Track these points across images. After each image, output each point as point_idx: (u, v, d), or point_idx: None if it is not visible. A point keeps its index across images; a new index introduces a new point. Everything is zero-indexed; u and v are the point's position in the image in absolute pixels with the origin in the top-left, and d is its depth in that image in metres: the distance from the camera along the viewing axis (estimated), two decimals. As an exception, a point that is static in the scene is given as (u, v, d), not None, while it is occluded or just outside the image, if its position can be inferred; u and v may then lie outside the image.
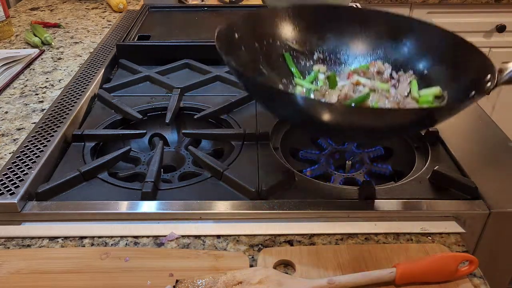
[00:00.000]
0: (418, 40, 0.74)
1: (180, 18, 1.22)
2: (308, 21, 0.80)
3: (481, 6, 1.84)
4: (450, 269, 0.51)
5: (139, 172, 0.73)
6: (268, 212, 0.61)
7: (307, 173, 0.71)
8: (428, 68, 0.72)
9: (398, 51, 0.76)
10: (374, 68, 0.74)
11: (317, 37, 0.80)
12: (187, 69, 1.02)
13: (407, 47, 0.75)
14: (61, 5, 1.45)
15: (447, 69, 0.69)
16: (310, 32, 0.80)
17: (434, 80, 0.70)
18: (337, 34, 0.80)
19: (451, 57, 0.69)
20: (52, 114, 0.80)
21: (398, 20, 0.77)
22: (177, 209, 0.61)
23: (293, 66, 0.78)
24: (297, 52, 0.80)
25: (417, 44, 0.74)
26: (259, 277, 0.49)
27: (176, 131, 0.87)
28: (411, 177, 0.68)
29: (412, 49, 0.75)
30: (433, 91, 0.68)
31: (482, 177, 0.66)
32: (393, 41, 0.77)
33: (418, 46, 0.74)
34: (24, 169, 0.66)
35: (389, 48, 0.77)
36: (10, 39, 1.18)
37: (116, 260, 0.54)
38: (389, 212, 0.61)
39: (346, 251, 0.55)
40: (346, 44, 0.80)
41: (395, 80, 0.73)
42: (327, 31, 0.80)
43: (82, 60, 1.05)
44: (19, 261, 0.54)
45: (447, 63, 0.70)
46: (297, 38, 0.80)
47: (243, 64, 0.71)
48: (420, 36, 0.74)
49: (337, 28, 0.80)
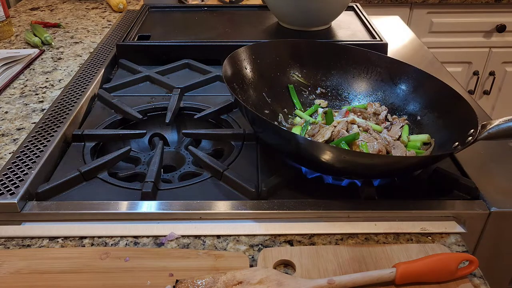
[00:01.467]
0: (415, 86, 0.80)
1: (180, 18, 1.22)
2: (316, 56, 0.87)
3: (481, 6, 1.84)
4: (450, 269, 0.51)
5: (139, 172, 0.73)
6: (268, 212, 0.61)
7: (307, 173, 0.71)
8: (422, 114, 0.77)
9: (396, 95, 0.82)
10: (371, 109, 0.79)
11: (322, 73, 0.87)
12: (187, 69, 1.02)
13: (405, 92, 0.81)
14: (61, 5, 1.45)
15: (438, 117, 0.74)
16: (316, 67, 0.86)
17: (425, 126, 0.76)
18: (341, 72, 0.86)
19: (443, 106, 0.74)
20: (52, 114, 0.80)
21: (400, 67, 0.82)
22: (177, 209, 0.61)
23: (295, 97, 0.83)
24: (301, 85, 0.86)
25: (414, 91, 0.80)
26: (259, 277, 0.49)
27: (176, 131, 0.87)
28: (411, 177, 0.68)
29: (409, 94, 0.81)
30: (422, 138, 0.73)
31: (482, 177, 0.66)
32: (392, 85, 0.83)
33: (415, 93, 0.80)
34: (24, 169, 0.66)
35: (388, 91, 0.83)
36: (10, 39, 1.18)
37: (116, 260, 0.54)
38: (389, 212, 0.61)
39: (346, 251, 0.55)
40: (348, 82, 0.86)
41: (389, 123, 0.78)
42: (332, 68, 0.86)
43: (82, 60, 1.05)
44: (19, 261, 0.54)
45: (438, 111, 0.75)
46: (302, 72, 0.86)
47: (248, 94, 0.77)
48: (417, 83, 0.80)
49: (342, 67, 0.86)
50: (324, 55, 0.87)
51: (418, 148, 0.71)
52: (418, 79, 0.79)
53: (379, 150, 0.68)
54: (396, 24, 1.33)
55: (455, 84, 0.95)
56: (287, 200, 0.63)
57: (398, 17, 1.37)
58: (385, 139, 0.71)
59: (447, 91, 0.74)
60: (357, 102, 0.84)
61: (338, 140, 0.68)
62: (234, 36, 1.10)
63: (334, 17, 1.14)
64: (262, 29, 1.16)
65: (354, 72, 0.85)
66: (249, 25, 1.17)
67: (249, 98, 0.77)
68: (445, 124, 0.72)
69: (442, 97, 0.75)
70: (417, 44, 1.17)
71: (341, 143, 0.67)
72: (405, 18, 1.86)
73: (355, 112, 0.79)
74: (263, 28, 1.16)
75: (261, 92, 0.80)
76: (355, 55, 0.86)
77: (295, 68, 0.86)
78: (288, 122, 0.80)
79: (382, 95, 0.83)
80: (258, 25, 1.18)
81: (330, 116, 0.75)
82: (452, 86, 0.74)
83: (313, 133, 0.73)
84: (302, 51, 0.87)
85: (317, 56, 0.87)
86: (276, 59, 0.84)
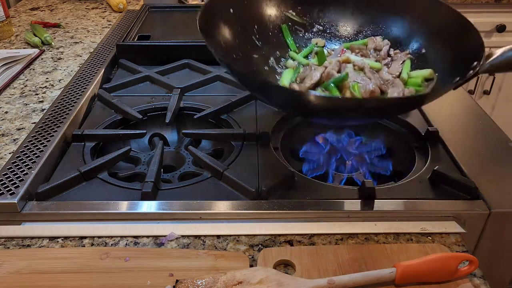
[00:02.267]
0: (420, 15, 0.73)
1: (180, 18, 1.22)
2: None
3: (481, 6, 1.84)
4: (450, 269, 0.51)
5: (139, 172, 0.73)
6: (268, 212, 0.61)
7: (307, 173, 0.71)
8: (427, 46, 0.71)
9: (400, 27, 0.75)
10: (372, 44, 0.73)
11: (318, 8, 0.79)
12: (187, 69, 1.02)
13: (409, 23, 0.74)
14: (61, 5, 1.45)
15: (444, 48, 0.68)
16: (313, 2, 0.78)
17: (431, 60, 0.69)
18: (339, 6, 0.78)
19: (449, 36, 0.68)
20: (52, 114, 0.80)
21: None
22: (177, 209, 0.61)
23: (289, 37, 0.76)
24: (297, 24, 0.78)
25: (419, 20, 0.73)
26: (259, 277, 0.49)
27: (176, 131, 0.86)
28: (411, 177, 0.68)
29: (414, 25, 0.73)
30: (424, 73, 0.68)
31: (482, 177, 0.66)
32: (395, 16, 0.75)
33: (420, 22, 0.73)
34: (24, 169, 0.66)
35: (390, 23, 0.75)
36: (10, 39, 1.18)
37: (116, 260, 0.54)
38: (389, 212, 0.61)
39: (346, 251, 0.55)
40: (348, 16, 0.78)
41: (390, 59, 0.72)
42: (329, 2, 0.79)
43: (82, 60, 1.05)
44: (19, 261, 0.54)
45: (444, 41, 0.69)
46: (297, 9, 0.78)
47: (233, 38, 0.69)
48: (422, 11, 0.73)
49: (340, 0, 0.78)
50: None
51: (419, 85, 0.66)
52: (424, 6, 0.72)
53: (372, 91, 0.63)
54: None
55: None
56: (287, 200, 0.63)
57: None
58: (381, 78, 0.66)
59: (455, 18, 0.67)
60: (358, 39, 0.77)
61: (326, 83, 0.64)
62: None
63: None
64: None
65: (353, 4, 0.78)
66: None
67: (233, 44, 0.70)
68: (450, 57, 0.66)
69: (448, 25, 0.69)
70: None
71: (330, 86, 0.63)
72: (405, 18, 1.85)
73: (353, 49, 0.73)
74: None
75: (250, 35, 0.73)
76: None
77: (288, 5, 0.77)
78: (279, 66, 0.74)
79: (385, 28, 0.76)
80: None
81: (321, 55, 0.70)
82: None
83: (304, 75, 0.68)
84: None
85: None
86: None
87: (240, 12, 0.72)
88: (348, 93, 0.63)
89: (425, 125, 0.80)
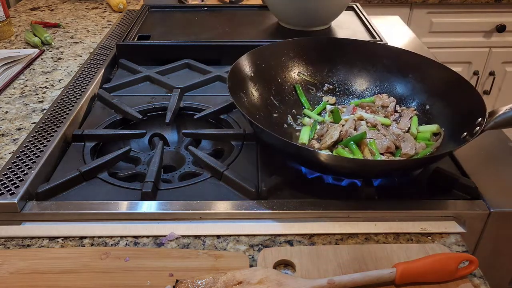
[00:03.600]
0: (422, 75, 0.79)
1: (180, 18, 1.22)
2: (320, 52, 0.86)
3: (481, 6, 1.84)
4: (450, 269, 0.51)
5: (139, 172, 0.73)
6: (268, 212, 0.61)
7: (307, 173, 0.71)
8: (430, 103, 0.77)
9: (404, 86, 0.82)
10: (379, 101, 0.79)
11: (328, 69, 0.87)
12: (187, 69, 1.02)
13: (412, 82, 0.81)
14: (61, 5, 1.45)
15: (446, 106, 0.74)
16: (321, 63, 0.86)
17: (435, 116, 0.75)
18: (347, 67, 0.86)
19: (450, 95, 0.74)
20: (52, 114, 0.80)
21: (406, 56, 0.82)
22: (177, 209, 0.61)
23: (303, 96, 0.83)
24: (308, 83, 0.86)
25: (421, 80, 0.79)
26: (259, 277, 0.49)
27: (176, 131, 0.87)
28: (411, 177, 0.68)
29: (417, 84, 0.80)
30: (431, 128, 0.73)
31: (482, 177, 0.66)
32: (399, 75, 0.82)
33: (422, 81, 0.79)
34: (24, 169, 0.66)
35: (395, 82, 0.82)
36: (10, 39, 1.18)
37: (116, 260, 0.54)
38: (389, 212, 0.61)
39: (346, 251, 0.55)
40: (355, 76, 0.86)
41: (398, 115, 0.77)
42: (337, 63, 0.86)
43: (82, 60, 1.05)
44: (19, 261, 0.54)
45: (447, 100, 0.74)
46: (308, 70, 0.86)
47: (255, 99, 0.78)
48: (425, 72, 0.79)
49: (347, 61, 0.86)
50: (328, 51, 0.87)
51: (428, 139, 0.71)
52: (425, 67, 0.79)
53: (388, 147, 0.68)
54: (396, 24, 1.32)
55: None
56: (287, 200, 0.63)
57: (398, 17, 1.37)
58: (394, 134, 0.71)
59: (455, 79, 0.73)
60: (366, 96, 0.84)
61: (346, 140, 0.68)
62: (234, 36, 1.10)
63: (334, 17, 1.14)
64: (262, 29, 1.16)
65: (359, 65, 0.85)
66: (249, 25, 1.17)
67: (256, 104, 0.78)
68: (454, 113, 0.72)
69: (449, 85, 0.74)
70: (417, 44, 1.17)
71: (350, 143, 0.67)
72: (405, 18, 1.86)
73: (363, 106, 0.78)
74: (263, 28, 1.16)
75: (269, 95, 0.81)
76: (360, 48, 0.86)
77: (301, 67, 0.86)
78: (297, 123, 0.80)
79: (390, 86, 0.83)
80: (258, 25, 1.18)
81: (337, 114, 0.75)
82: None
83: (322, 133, 0.73)
84: (306, 49, 0.86)
85: (321, 52, 0.86)
86: (281, 60, 0.85)
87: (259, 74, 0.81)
88: (366, 150, 0.68)
89: (425, 125, 0.80)
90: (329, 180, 0.68)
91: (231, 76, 0.73)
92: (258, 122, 0.65)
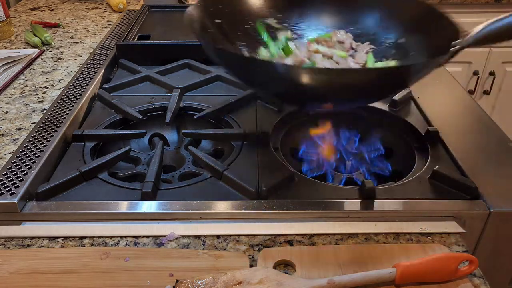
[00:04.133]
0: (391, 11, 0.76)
1: (180, 18, 1.21)
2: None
3: (481, 6, 1.84)
4: (450, 269, 0.51)
5: (139, 172, 0.73)
6: (268, 212, 0.61)
7: (307, 173, 0.71)
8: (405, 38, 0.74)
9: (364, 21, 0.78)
10: (336, 38, 0.76)
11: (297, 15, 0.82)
12: (187, 69, 1.02)
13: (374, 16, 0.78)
14: (61, 5, 1.45)
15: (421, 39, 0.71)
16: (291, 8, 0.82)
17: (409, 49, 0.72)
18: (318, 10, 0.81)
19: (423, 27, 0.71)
20: (52, 114, 0.80)
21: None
22: (177, 209, 0.61)
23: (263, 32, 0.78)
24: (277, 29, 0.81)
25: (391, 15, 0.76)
26: (259, 277, 0.49)
27: (176, 131, 0.87)
28: (411, 177, 0.68)
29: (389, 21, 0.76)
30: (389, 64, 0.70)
31: (482, 177, 0.66)
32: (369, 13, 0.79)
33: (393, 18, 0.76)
34: (24, 169, 0.66)
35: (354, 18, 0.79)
36: (10, 39, 1.18)
37: (116, 260, 0.54)
38: (389, 212, 0.61)
39: (346, 251, 0.55)
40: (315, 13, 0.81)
41: (353, 50, 0.75)
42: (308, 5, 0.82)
43: (82, 60, 1.05)
44: (19, 261, 0.54)
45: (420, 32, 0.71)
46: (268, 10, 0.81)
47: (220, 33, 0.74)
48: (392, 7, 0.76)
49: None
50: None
51: None
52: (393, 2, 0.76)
53: None
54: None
55: (455, 84, 0.95)
56: (287, 200, 0.63)
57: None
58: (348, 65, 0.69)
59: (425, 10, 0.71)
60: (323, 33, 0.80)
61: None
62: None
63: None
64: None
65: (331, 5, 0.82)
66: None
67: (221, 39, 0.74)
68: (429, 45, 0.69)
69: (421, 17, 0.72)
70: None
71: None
72: (405, 18, 1.85)
73: (319, 42, 0.76)
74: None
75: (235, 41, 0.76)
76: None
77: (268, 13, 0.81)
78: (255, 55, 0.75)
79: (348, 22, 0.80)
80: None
81: (287, 47, 0.72)
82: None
83: None
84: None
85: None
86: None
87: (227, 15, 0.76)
88: None
89: (425, 125, 0.80)
90: (329, 180, 0.68)
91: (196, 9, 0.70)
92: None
